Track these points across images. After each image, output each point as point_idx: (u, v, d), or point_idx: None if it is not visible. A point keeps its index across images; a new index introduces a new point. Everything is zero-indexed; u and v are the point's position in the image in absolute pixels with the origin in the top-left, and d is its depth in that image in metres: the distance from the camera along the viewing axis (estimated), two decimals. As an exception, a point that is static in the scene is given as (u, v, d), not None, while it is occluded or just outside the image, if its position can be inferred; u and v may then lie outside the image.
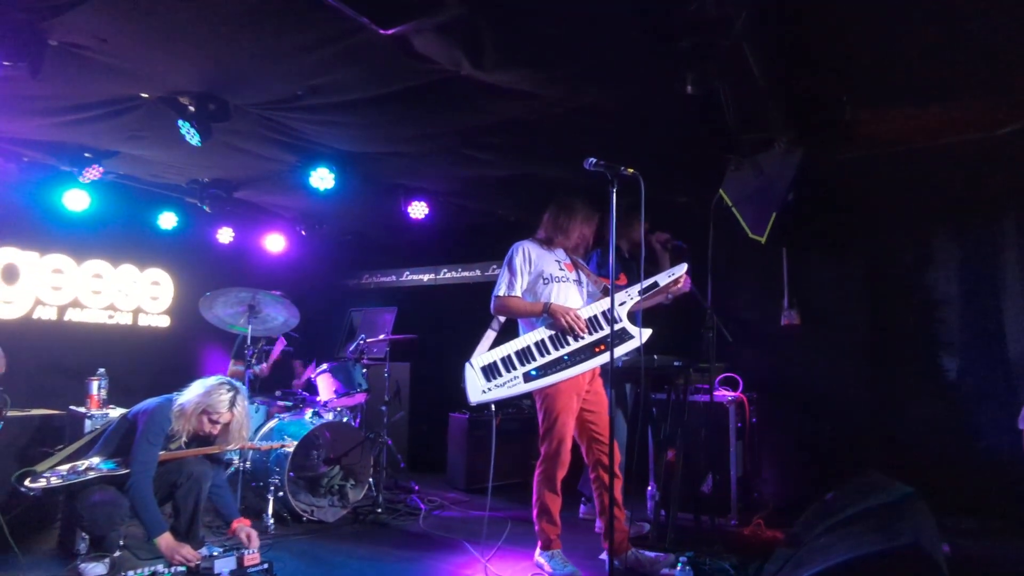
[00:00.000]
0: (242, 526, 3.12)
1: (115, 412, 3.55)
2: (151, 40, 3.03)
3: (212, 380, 3.21)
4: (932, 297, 4.38)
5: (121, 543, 3.25)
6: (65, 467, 3.03)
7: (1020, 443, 3.53)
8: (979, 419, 4.15)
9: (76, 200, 5.07)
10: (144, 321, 6.15)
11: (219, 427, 3.20)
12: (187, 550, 2.92)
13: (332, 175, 4.56)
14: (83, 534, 3.25)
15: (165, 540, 2.92)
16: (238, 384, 3.27)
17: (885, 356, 4.49)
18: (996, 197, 4.17)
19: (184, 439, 3.20)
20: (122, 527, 3.13)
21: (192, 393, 3.17)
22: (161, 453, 3.11)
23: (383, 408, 4.76)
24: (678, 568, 3.00)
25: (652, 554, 3.21)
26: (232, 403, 3.18)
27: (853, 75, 3.36)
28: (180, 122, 3.66)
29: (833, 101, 3.61)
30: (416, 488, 4.87)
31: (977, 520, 3.84)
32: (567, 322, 3.13)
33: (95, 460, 3.09)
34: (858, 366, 4.57)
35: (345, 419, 4.56)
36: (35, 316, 5.42)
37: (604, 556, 3.26)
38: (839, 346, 4.63)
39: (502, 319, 3.31)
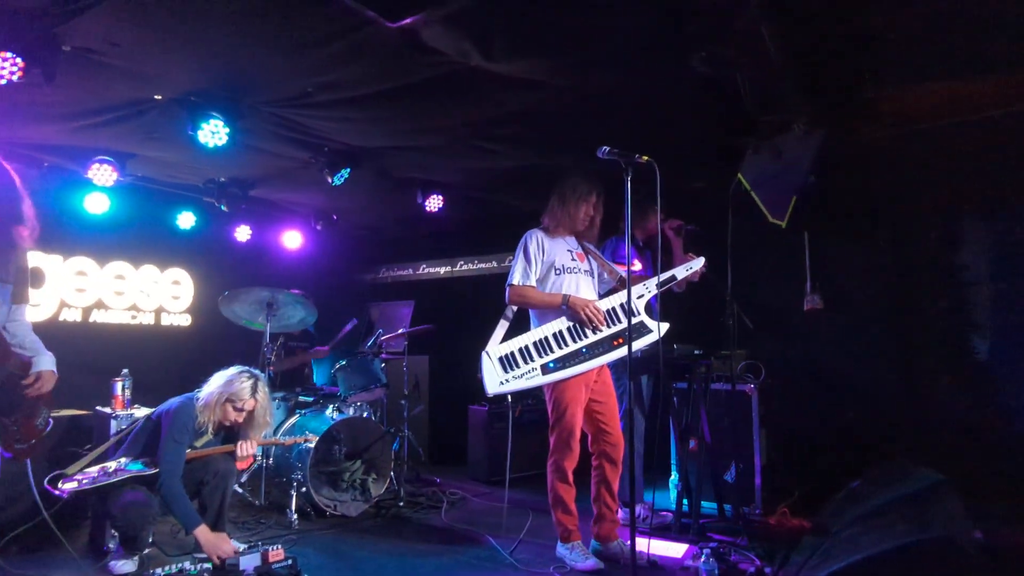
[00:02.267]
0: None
1: (139, 412, 3.60)
2: (160, 42, 3.04)
3: (232, 370, 3.27)
4: (961, 278, 4.26)
5: (150, 540, 3.31)
6: (95, 469, 3.08)
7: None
8: (1011, 402, 4.04)
9: (96, 203, 5.15)
10: (166, 320, 6.24)
11: (243, 415, 3.25)
12: (227, 544, 2.98)
13: (346, 171, 4.58)
14: (113, 532, 3.31)
15: (203, 533, 2.98)
16: (257, 372, 3.31)
17: (912, 339, 4.39)
18: (1027, 173, 4.03)
19: (210, 433, 3.25)
20: (152, 525, 3.19)
21: (214, 384, 3.22)
22: (188, 451, 3.16)
23: (403, 402, 4.78)
24: (703, 559, 2.97)
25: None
26: (254, 390, 3.23)
27: (874, 51, 3.25)
28: (207, 121, 3.67)
29: (854, 79, 3.50)
30: (438, 481, 4.89)
31: (1011, 505, 3.74)
32: (587, 315, 3.09)
33: (123, 461, 3.14)
34: (885, 350, 4.47)
35: (365, 414, 4.58)
36: (61, 318, 5.51)
37: (593, 544, 3.26)
38: (865, 330, 4.54)
39: (516, 308, 3.28)
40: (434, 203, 5.33)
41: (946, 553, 2.06)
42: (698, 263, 3.32)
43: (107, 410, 3.64)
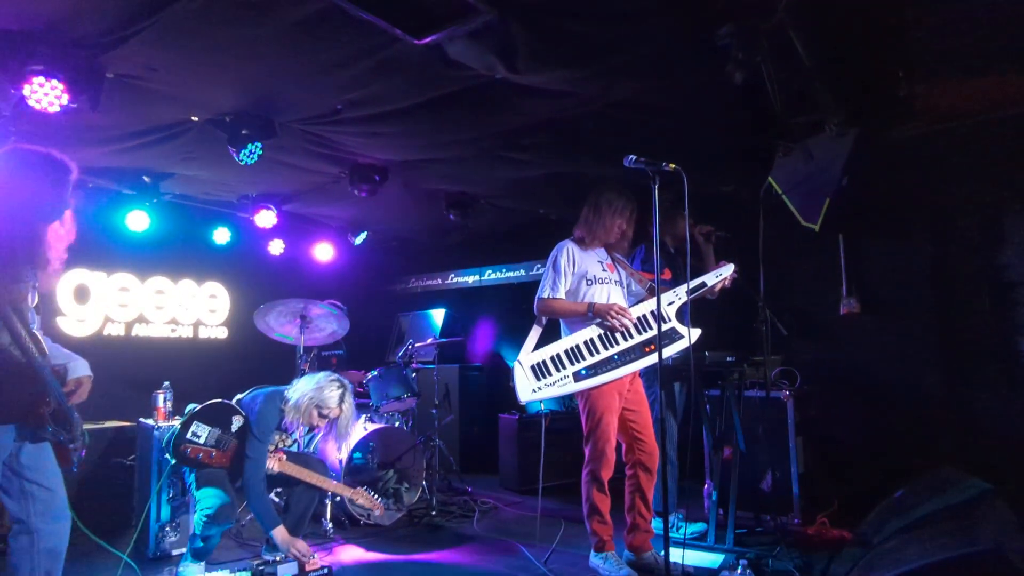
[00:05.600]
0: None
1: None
2: (196, 66, 3.14)
3: (321, 375, 3.34)
4: (1005, 278, 4.11)
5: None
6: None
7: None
8: (1063, 407, 3.88)
9: (138, 221, 5.32)
10: (204, 333, 6.40)
11: (326, 422, 3.32)
12: (301, 544, 3.08)
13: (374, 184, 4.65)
14: (165, 535, 3.42)
15: (280, 533, 3.08)
16: (347, 382, 3.37)
17: (955, 342, 4.25)
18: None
19: (295, 435, 3.35)
20: (231, 524, 3.16)
21: (303, 387, 3.28)
22: (280, 463, 3.26)
23: (433, 411, 4.81)
24: (739, 569, 2.92)
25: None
26: (341, 399, 3.29)
27: (907, 48, 3.18)
28: (250, 145, 3.80)
29: (887, 77, 3.43)
30: (470, 490, 4.90)
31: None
32: (613, 317, 3.09)
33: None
34: (926, 354, 4.33)
35: (397, 423, 4.63)
36: (105, 332, 5.70)
37: (626, 555, 3.24)
38: (904, 333, 4.41)
39: (546, 318, 3.30)
40: (461, 212, 5.37)
41: (996, 566, 1.99)
42: (727, 270, 3.29)
43: (150, 422, 3.74)
